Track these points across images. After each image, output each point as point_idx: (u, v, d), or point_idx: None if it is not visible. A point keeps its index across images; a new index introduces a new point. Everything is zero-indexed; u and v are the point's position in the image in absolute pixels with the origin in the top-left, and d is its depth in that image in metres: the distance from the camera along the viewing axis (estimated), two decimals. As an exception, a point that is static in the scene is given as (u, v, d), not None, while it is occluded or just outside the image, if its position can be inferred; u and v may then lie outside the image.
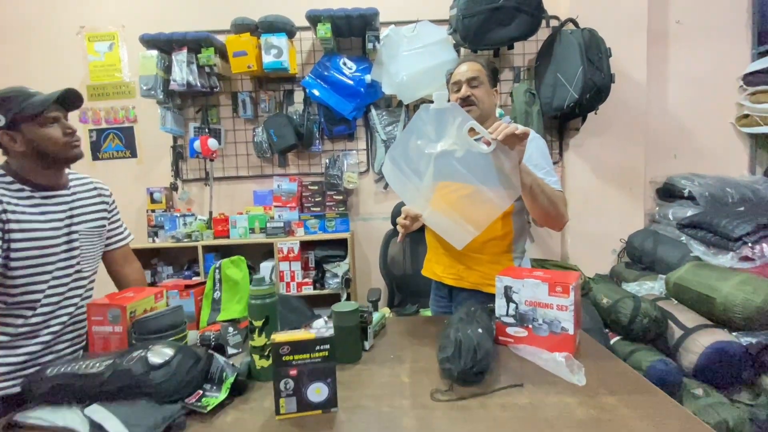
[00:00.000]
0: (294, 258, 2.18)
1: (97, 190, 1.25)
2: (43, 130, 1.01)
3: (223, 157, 2.47)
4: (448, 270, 1.41)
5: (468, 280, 1.37)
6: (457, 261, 1.38)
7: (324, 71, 2.26)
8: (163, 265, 2.41)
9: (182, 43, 2.14)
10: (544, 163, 1.25)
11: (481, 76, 1.30)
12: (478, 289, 1.35)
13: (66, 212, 1.11)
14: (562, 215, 1.22)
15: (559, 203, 1.19)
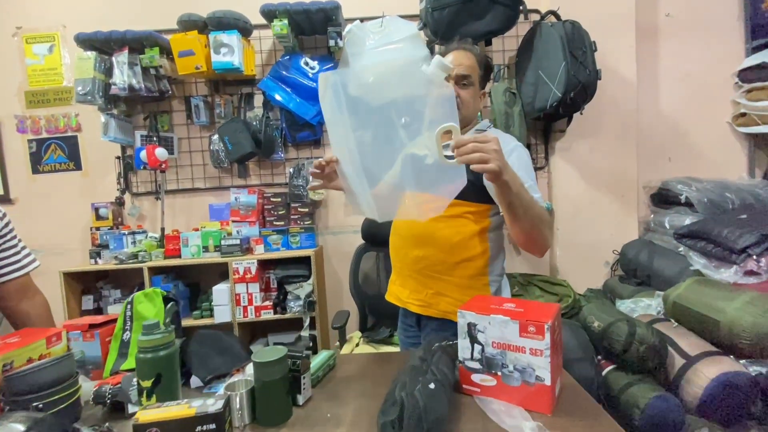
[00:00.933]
0: (251, 279, 1.95)
1: None
2: None
3: (177, 168, 2.25)
4: (414, 295, 1.21)
5: (437, 307, 1.18)
6: (424, 285, 1.18)
7: (284, 71, 2.06)
8: (110, 289, 2.17)
9: (122, 42, 1.93)
10: (526, 177, 1.04)
11: (473, 75, 1.13)
12: (448, 318, 1.15)
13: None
14: (545, 240, 1.01)
15: (543, 226, 0.98)
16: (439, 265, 1.14)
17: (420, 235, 1.17)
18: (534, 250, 1.06)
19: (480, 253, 1.14)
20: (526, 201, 0.94)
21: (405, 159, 0.96)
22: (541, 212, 0.98)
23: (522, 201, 0.93)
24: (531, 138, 2.22)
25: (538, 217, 0.97)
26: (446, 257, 1.13)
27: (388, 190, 0.96)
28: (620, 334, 1.46)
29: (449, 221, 1.13)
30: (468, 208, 1.13)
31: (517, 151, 1.10)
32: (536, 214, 0.96)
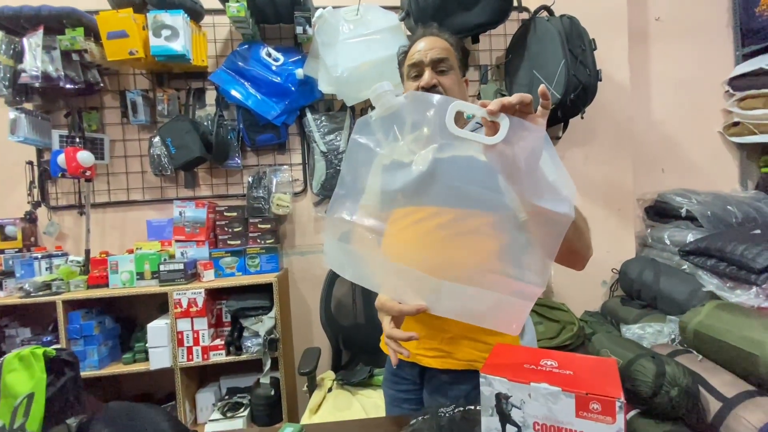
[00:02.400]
0: (198, 313, 1.58)
1: None
2: None
3: (108, 176, 1.86)
4: (425, 344, 0.90)
5: (456, 356, 0.88)
6: (438, 329, 0.88)
7: (241, 63, 1.75)
8: (17, 327, 1.73)
9: (36, 20, 1.55)
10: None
11: (450, 57, 0.90)
12: (474, 368, 0.86)
13: None
14: (588, 248, 0.79)
15: (586, 231, 0.76)
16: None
17: (434, 264, 0.88)
18: (575, 263, 0.81)
19: None
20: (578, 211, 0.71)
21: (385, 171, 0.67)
22: (581, 215, 0.75)
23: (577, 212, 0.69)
24: (522, 146, 2.02)
25: (581, 219, 0.74)
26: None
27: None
28: (646, 374, 1.24)
29: (466, 238, 0.85)
30: (486, 218, 0.87)
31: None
32: (585, 224, 0.75)
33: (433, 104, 0.60)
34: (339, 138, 1.89)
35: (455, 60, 0.91)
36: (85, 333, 1.58)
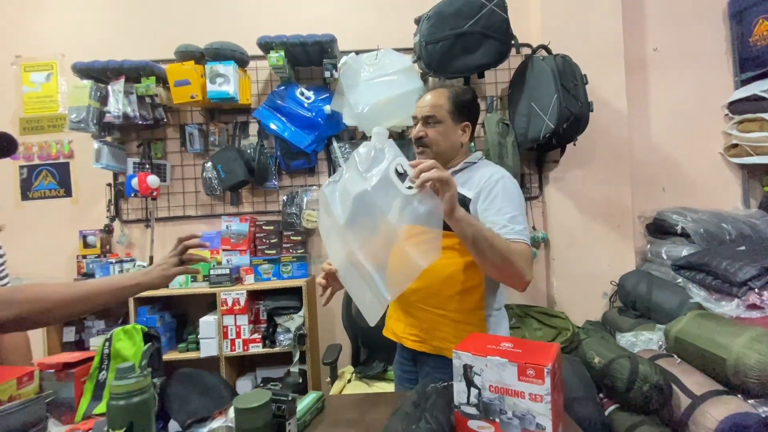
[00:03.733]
0: (240, 311, 1.89)
1: None
2: None
3: (168, 195, 2.22)
4: (409, 329, 1.16)
5: (431, 343, 1.13)
6: (419, 319, 1.14)
7: (279, 101, 2.08)
8: (93, 320, 2.09)
9: (119, 72, 1.94)
10: (509, 208, 1.04)
11: (440, 113, 1.12)
12: (443, 354, 1.10)
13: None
14: (519, 273, 0.97)
15: (514, 258, 0.96)
16: (432, 298, 1.11)
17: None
18: (511, 283, 1.03)
19: (475, 286, 1.10)
20: (489, 237, 0.94)
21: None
22: (508, 245, 0.97)
23: (484, 237, 0.93)
24: (524, 168, 2.23)
25: (506, 250, 0.95)
26: (440, 289, 1.10)
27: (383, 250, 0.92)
28: (622, 371, 1.41)
29: (443, 252, 1.10)
30: (455, 239, 1.11)
31: (502, 181, 1.08)
32: (503, 247, 0.95)
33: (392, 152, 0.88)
34: (360, 162, 2.17)
35: (446, 113, 1.12)
36: (149, 325, 1.91)
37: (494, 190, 1.06)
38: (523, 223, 1.04)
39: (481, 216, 1.06)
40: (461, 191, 1.09)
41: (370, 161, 0.91)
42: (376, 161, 0.90)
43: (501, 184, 1.07)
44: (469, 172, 1.14)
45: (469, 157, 1.17)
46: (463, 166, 1.15)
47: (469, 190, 1.09)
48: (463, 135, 1.16)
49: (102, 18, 2.27)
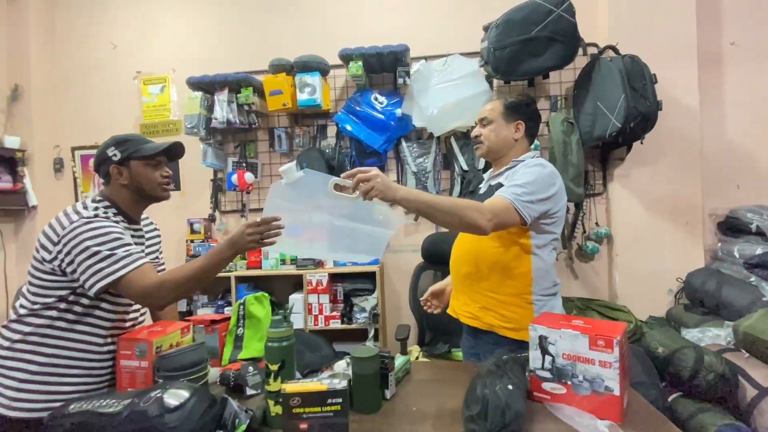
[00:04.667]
0: (323, 290, 2.16)
1: (153, 225, 1.35)
2: (147, 170, 1.16)
3: (258, 190, 2.55)
4: (464, 308, 1.33)
5: (483, 320, 1.28)
6: (473, 300, 1.31)
7: (356, 106, 2.31)
8: (198, 294, 2.48)
9: (224, 84, 2.28)
10: (519, 182, 1.18)
11: (492, 115, 1.32)
12: (494, 330, 1.26)
13: (142, 245, 1.23)
14: (472, 223, 1.10)
15: (463, 213, 1.10)
16: (483, 281, 1.27)
17: (468, 252, 1.31)
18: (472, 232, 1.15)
19: (523, 272, 1.23)
20: (431, 203, 1.09)
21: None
22: (457, 203, 1.12)
23: (427, 205, 1.09)
24: (588, 165, 2.29)
25: (452, 209, 1.10)
26: (488, 274, 1.25)
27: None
28: (687, 361, 1.48)
29: (493, 241, 1.25)
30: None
31: (526, 166, 1.23)
32: (448, 207, 1.10)
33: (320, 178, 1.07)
34: (426, 160, 2.36)
35: (498, 114, 1.30)
36: (247, 300, 2.25)
37: (516, 171, 1.23)
38: (519, 191, 1.15)
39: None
40: (504, 183, 1.24)
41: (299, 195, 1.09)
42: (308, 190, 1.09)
43: (524, 168, 1.22)
44: (515, 169, 1.27)
45: (521, 156, 1.31)
46: (513, 164, 1.29)
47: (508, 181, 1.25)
48: (516, 132, 1.30)
49: (204, 37, 2.64)
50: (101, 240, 1.04)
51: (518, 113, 1.31)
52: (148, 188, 1.18)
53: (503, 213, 1.13)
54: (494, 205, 1.14)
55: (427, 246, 2.21)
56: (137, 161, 1.15)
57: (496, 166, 1.36)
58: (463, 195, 2.23)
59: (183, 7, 2.68)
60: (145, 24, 2.71)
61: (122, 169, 1.16)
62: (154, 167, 1.18)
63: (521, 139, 1.31)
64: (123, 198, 1.18)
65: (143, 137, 1.21)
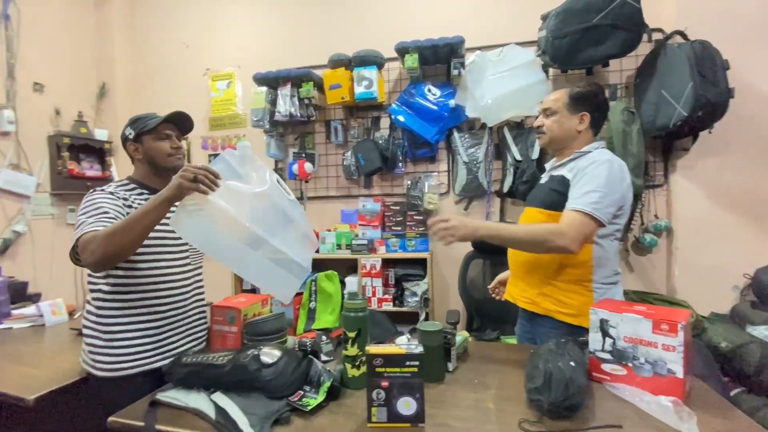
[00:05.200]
0: (376, 274, 2.28)
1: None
2: (155, 143, 1.23)
3: (315, 179, 2.71)
4: (523, 293, 1.38)
5: (541, 305, 1.33)
6: (531, 285, 1.35)
7: (409, 98, 2.38)
8: (260, 275, 2.69)
9: (287, 79, 2.43)
10: (589, 186, 1.19)
11: (555, 105, 1.33)
12: (551, 315, 1.30)
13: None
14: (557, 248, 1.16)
15: (545, 238, 1.16)
16: (541, 269, 1.30)
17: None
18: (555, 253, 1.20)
19: (583, 261, 1.25)
20: (513, 237, 1.20)
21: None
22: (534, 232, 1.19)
23: (509, 239, 1.20)
24: (649, 156, 2.22)
25: (530, 237, 1.18)
26: (548, 264, 1.28)
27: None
28: (751, 356, 1.45)
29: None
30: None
31: (595, 164, 1.21)
32: (525, 237, 1.19)
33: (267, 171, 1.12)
34: (478, 151, 2.39)
35: (562, 105, 1.31)
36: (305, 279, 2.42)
37: (585, 171, 1.22)
38: (600, 202, 1.15)
39: (569, 193, 1.23)
40: (568, 176, 1.26)
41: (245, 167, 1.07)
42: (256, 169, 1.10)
43: (593, 166, 1.21)
44: (579, 160, 1.28)
45: (585, 147, 1.31)
46: (576, 155, 1.30)
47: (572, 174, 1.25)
48: (581, 124, 1.31)
49: (267, 34, 2.81)
50: (84, 210, 1.11)
51: (583, 104, 1.31)
52: (159, 160, 1.24)
53: (584, 228, 1.15)
54: (573, 223, 1.15)
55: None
56: (147, 136, 1.23)
57: (559, 156, 1.37)
58: (515, 185, 2.25)
59: (248, 7, 2.86)
60: (213, 24, 2.92)
61: (137, 146, 1.24)
62: (162, 140, 1.23)
63: (585, 130, 1.31)
64: (144, 173, 1.27)
65: (153, 114, 1.26)
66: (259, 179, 1.10)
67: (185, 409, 0.98)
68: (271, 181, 1.10)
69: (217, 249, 1.00)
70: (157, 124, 1.22)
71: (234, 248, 1.00)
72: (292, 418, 0.93)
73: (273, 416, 0.92)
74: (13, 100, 2.55)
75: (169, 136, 1.25)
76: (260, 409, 0.93)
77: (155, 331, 1.21)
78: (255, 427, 0.87)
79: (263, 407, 0.94)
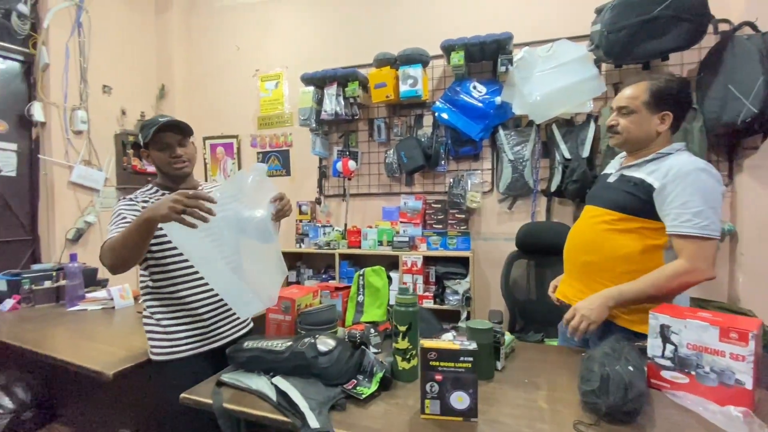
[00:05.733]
0: (417, 271, 2.30)
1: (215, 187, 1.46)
2: (156, 153, 1.25)
3: (357, 176, 2.77)
4: (580, 295, 1.32)
5: None
6: (590, 288, 1.28)
7: (454, 95, 2.38)
8: (304, 267, 2.79)
9: (333, 78, 2.50)
10: (697, 202, 1.10)
11: (633, 104, 1.22)
12: (611, 320, 1.23)
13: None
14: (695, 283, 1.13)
15: (682, 281, 1.12)
16: (606, 272, 1.24)
17: (590, 242, 1.29)
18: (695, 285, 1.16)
19: (652, 268, 1.17)
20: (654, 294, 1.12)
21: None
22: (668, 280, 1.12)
23: (647, 297, 1.13)
24: (711, 155, 2.09)
25: (666, 282, 1.12)
26: (614, 266, 1.22)
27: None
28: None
29: (623, 234, 1.22)
30: (641, 223, 1.20)
31: (694, 174, 1.11)
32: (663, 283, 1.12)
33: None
34: (524, 149, 2.34)
35: (640, 104, 1.21)
36: (348, 275, 2.49)
37: (683, 182, 1.11)
38: (711, 218, 1.08)
39: (666, 207, 1.14)
40: (648, 180, 1.17)
41: (256, 191, 1.11)
42: (262, 191, 1.13)
43: (692, 177, 1.10)
44: (660, 162, 1.19)
45: (665, 148, 1.22)
46: (656, 156, 1.21)
47: (656, 180, 1.16)
48: (661, 124, 1.21)
49: (313, 35, 2.90)
50: (111, 219, 1.21)
51: (666, 102, 1.18)
52: (164, 168, 1.26)
53: (706, 251, 1.11)
54: (693, 254, 1.11)
55: (522, 235, 2.22)
56: (151, 145, 1.24)
57: (632, 156, 1.28)
58: (564, 184, 2.19)
59: (295, 10, 2.96)
60: (262, 27, 3.05)
61: (147, 153, 1.27)
62: (161, 150, 1.23)
63: (666, 131, 1.22)
64: (161, 176, 1.31)
65: (156, 119, 1.24)
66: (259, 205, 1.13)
67: (248, 391, 1.06)
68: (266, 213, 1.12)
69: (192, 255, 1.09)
70: (154, 134, 1.21)
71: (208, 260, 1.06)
72: (347, 405, 0.98)
73: (330, 402, 0.96)
74: (85, 101, 2.79)
75: (168, 145, 1.24)
76: (317, 395, 0.98)
77: (199, 318, 1.28)
78: (314, 411, 0.92)
79: (320, 393, 0.99)
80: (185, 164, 1.27)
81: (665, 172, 1.15)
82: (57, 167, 2.65)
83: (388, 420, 0.92)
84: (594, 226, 1.28)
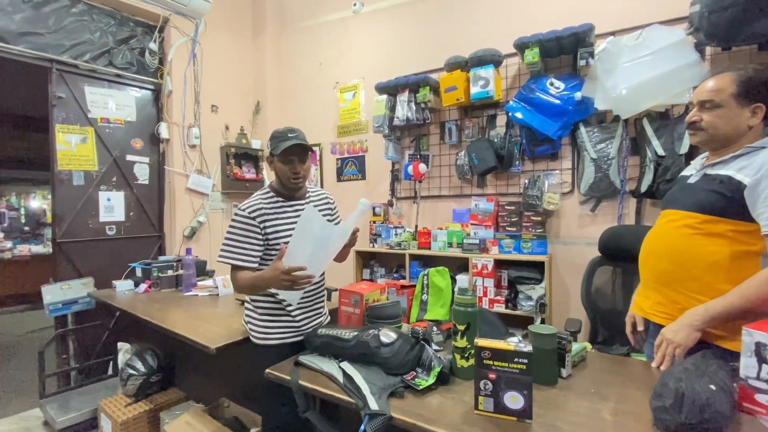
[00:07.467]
0: (488, 275, 2.28)
1: (326, 198, 1.64)
2: (280, 165, 1.41)
3: (428, 179, 2.82)
4: (658, 307, 1.21)
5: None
6: (671, 300, 1.18)
7: (529, 93, 2.30)
8: (377, 266, 2.93)
9: (405, 86, 2.59)
10: None
11: (719, 96, 1.11)
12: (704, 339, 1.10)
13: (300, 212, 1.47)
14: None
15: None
16: (691, 282, 1.12)
17: (670, 248, 1.17)
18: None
19: (743, 279, 1.04)
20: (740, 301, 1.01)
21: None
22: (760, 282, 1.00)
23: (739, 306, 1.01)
24: None
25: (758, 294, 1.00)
26: (701, 275, 1.10)
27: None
28: None
29: (709, 238, 1.10)
30: (731, 226, 1.07)
31: None
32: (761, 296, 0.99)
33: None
34: (609, 146, 2.17)
35: (727, 96, 1.09)
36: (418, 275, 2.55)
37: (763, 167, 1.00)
38: None
39: (760, 205, 1.01)
40: (737, 177, 1.06)
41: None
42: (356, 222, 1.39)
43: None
44: (752, 156, 1.07)
45: (758, 142, 1.09)
46: (746, 150, 1.09)
47: (746, 176, 1.04)
48: (753, 117, 1.09)
49: (387, 45, 3.03)
50: (229, 230, 1.41)
51: (758, 93, 1.08)
52: (283, 180, 1.43)
53: None
54: None
55: (606, 239, 2.06)
56: (277, 155, 1.39)
57: (716, 154, 1.17)
58: (656, 184, 1.98)
59: (370, 23, 3.13)
60: (341, 43, 3.28)
61: (272, 159, 1.43)
62: (286, 164, 1.39)
63: (758, 125, 1.09)
64: (278, 182, 1.47)
65: (285, 133, 1.40)
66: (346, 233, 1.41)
67: (320, 372, 1.19)
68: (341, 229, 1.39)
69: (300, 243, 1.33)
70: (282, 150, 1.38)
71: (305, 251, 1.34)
72: (405, 393, 1.05)
73: (389, 389, 1.05)
74: (198, 120, 3.30)
75: (292, 161, 1.40)
76: (379, 381, 1.08)
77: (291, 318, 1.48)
78: (375, 395, 1.02)
79: (381, 380, 1.09)
80: (300, 180, 1.45)
81: (758, 166, 1.03)
82: (177, 176, 3.17)
83: (442, 411, 0.97)
84: (674, 231, 1.17)
